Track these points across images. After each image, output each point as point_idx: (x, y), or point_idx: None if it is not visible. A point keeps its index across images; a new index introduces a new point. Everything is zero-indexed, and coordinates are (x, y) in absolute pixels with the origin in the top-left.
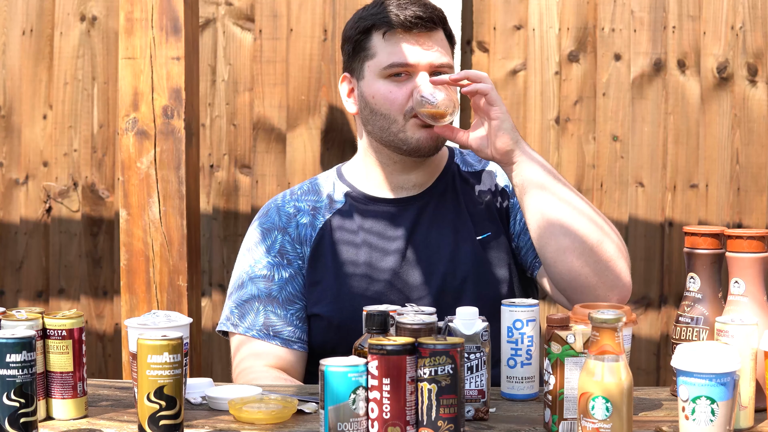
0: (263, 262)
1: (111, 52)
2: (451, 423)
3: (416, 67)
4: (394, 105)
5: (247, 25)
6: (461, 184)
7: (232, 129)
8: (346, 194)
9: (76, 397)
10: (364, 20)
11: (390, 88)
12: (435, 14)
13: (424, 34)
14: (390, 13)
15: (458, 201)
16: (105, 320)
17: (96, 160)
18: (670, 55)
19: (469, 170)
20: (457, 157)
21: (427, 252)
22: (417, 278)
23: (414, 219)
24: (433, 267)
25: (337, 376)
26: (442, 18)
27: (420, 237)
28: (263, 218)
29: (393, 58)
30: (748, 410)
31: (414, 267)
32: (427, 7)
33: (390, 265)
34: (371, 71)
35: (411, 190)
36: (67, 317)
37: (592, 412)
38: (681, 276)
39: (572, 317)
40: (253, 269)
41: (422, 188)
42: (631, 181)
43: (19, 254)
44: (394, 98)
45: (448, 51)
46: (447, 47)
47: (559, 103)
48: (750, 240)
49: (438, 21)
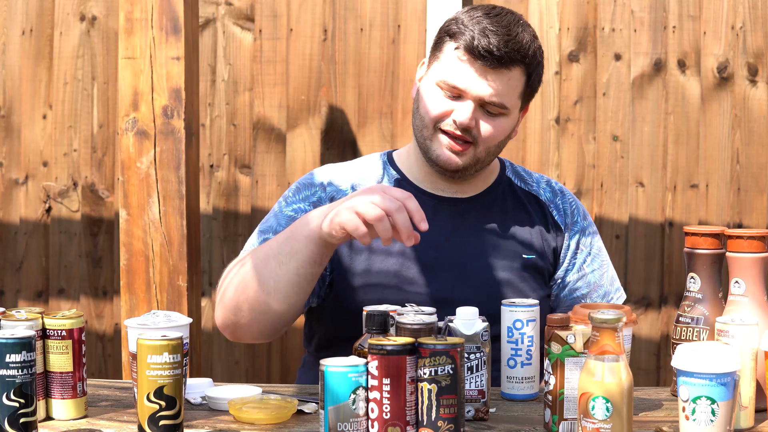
0: (294, 206)
1: (111, 52)
2: (451, 423)
3: (465, 94)
4: (431, 113)
5: (247, 25)
6: (513, 201)
7: (232, 129)
8: (395, 180)
9: (76, 397)
10: (455, 24)
11: (437, 96)
12: (512, 55)
13: (489, 69)
14: (472, 32)
15: (506, 218)
16: (105, 320)
17: (96, 160)
18: (671, 55)
19: (523, 187)
20: (508, 170)
21: (461, 259)
22: (444, 280)
23: (455, 222)
24: (464, 275)
25: (337, 376)
26: (518, 58)
27: (456, 241)
28: (306, 176)
29: (448, 76)
30: (749, 410)
31: (444, 269)
32: (509, 44)
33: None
34: (433, 73)
35: (455, 194)
36: (66, 317)
37: (592, 413)
38: (681, 276)
39: (572, 317)
40: (282, 209)
41: (466, 194)
42: (631, 181)
43: (19, 254)
44: (435, 107)
45: (514, 91)
46: (515, 87)
47: (560, 103)
48: (750, 240)
49: (510, 61)
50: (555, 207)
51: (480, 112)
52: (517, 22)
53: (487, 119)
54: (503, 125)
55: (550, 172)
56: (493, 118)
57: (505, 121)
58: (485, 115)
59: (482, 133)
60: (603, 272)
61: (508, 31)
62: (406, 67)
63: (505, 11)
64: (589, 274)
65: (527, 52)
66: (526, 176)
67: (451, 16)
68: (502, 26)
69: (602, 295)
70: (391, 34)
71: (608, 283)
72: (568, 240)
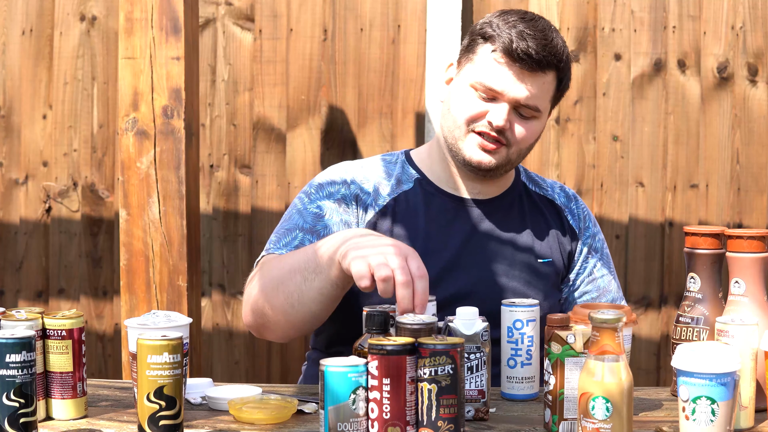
0: (319, 203)
1: (111, 52)
2: (451, 423)
3: (502, 96)
4: (464, 114)
5: (247, 25)
6: (529, 204)
7: (232, 129)
8: (415, 180)
9: (76, 398)
10: (489, 26)
11: (471, 97)
12: (548, 59)
13: (526, 72)
14: (509, 35)
15: (524, 220)
16: (105, 320)
17: (96, 160)
18: (671, 55)
19: (538, 191)
20: (523, 175)
21: (481, 261)
22: (464, 282)
23: (475, 223)
24: (483, 276)
25: (337, 376)
26: (554, 63)
27: (476, 242)
28: (325, 173)
29: (484, 78)
30: (749, 410)
31: (463, 270)
32: (546, 48)
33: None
34: (466, 74)
35: (476, 195)
36: (66, 317)
37: (592, 413)
38: (681, 276)
39: (572, 317)
40: (306, 206)
41: (487, 196)
42: (631, 181)
43: (19, 254)
44: (469, 108)
45: (546, 95)
46: (548, 90)
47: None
48: (750, 240)
49: (547, 65)
50: (570, 212)
51: (513, 115)
52: (550, 28)
53: (520, 122)
54: (535, 128)
55: (550, 172)
56: (527, 120)
57: (537, 124)
58: (519, 117)
59: (516, 135)
60: (611, 278)
61: (545, 36)
62: (406, 67)
63: (537, 16)
64: (599, 278)
65: (562, 56)
66: (541, 181)
67: (483, 19)
68: (538, 30)
69: (610, 300)
70: (391, 34)
71: (615, 289)
72: (581, 245)
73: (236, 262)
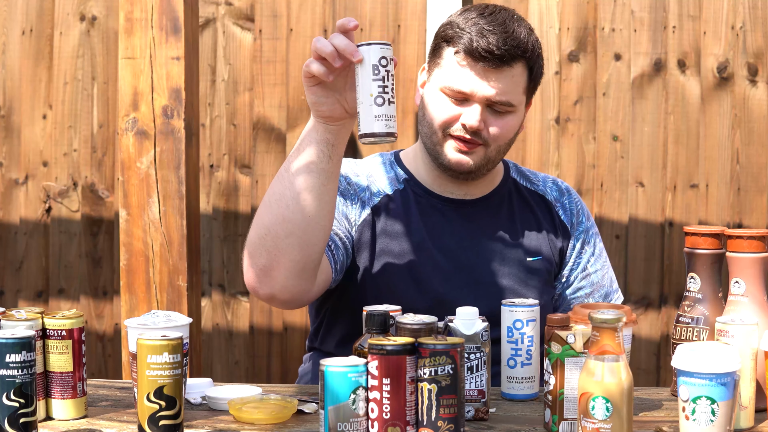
0: None
1: (111, 52)
2: (451, 423)
3: (472, 97)
4: (438, 119)
5: (247, 25)
6: (519, 202)
7: (232, 129)
8: (404, 180)
9: (76, 397)
10: (451, 28)
11: (443, 102)
12: (512, 51)
13: (491, 70)
14: (469, 35)
15: (513, 219)
16: (105, 320)
17: (96, 160)
18: (671, 55)
19: (528, 186)
20: (512, 171)
21: (471, 261)
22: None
23: (463, 224)
24: (474, 276)
25: (337, 376)
26: (519, 54)
27: (467, 243)
28: None
29: (452, 81)
30: (749, 410)
31: (454, 271)
32: (508, 41)
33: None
34: (436, 79)
35: (463, 196)
36: (66, 317)
37: (592, 412)
38: (681, 276)
39: (572, 317)
40: None
41: (474, 196)
42: (631, 181)
43: (19, 254)
44: (442, 113)
45: (518, 87)
46: (519, 83)
47: (559, 103)
48: (750, 240)
49: (511, 58)
50: (561, 207)
51: (487, 113)
52: (511, 18)
53: (495, 119)
54: (511, 122)
55: (550, 172)
56: (502, 116)
57: (513, 118)
58: (493, 115)
59: (492, 134)
60: (604, 273)
61: (505, 29)
62: (406, 68)
63: (498, 8)
64: (592, 273)
65: (526, 46)
66: (532, 176)
67: (445, 20)
68: (498, 24)
69: (603, 295)
70: (391, 34)
71: (609, 283)
72: (573, 240)
73: (236, 262)
